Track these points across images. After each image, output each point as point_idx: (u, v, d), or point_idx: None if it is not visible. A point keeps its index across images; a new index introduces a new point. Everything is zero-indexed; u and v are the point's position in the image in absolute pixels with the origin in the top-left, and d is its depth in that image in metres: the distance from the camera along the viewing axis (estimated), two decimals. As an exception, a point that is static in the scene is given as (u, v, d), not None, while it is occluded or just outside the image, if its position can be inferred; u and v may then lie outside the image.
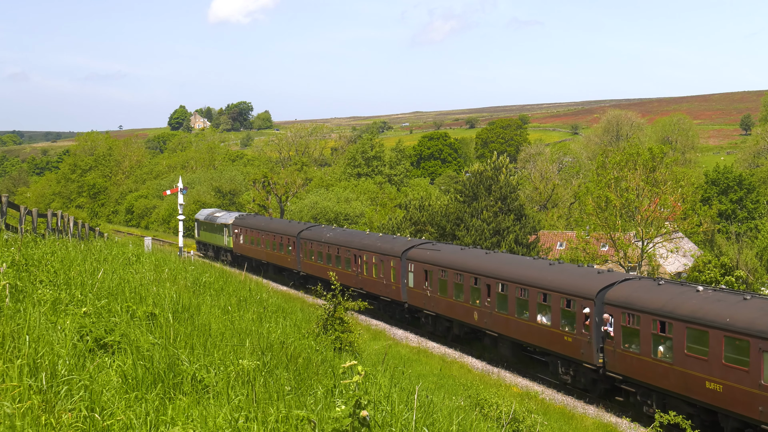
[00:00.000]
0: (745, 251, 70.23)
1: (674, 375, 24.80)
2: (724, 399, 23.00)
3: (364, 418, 6.76)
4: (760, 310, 22.69)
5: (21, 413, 6.28)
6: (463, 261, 37.41)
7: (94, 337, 8.90)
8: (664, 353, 25.37)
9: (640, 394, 26.91)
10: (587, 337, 28.67)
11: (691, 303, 24.80)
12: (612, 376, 27.89)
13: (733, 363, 22.70)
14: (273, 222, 64.41)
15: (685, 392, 24.47)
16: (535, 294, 31.44)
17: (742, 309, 23.17)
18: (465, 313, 36.27)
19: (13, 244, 14.86)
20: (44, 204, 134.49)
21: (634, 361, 26.59)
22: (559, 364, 30.86)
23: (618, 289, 27.95)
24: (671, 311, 25.07)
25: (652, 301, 26.15)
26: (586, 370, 29.29)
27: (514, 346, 34.41)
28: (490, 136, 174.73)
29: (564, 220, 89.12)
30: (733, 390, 22.59)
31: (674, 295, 25.79)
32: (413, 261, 40.80)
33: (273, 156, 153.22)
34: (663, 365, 25.24)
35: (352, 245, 47.58)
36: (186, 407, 7.36)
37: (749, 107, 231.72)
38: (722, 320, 23.15)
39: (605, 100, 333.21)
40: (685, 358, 24.29)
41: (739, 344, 22.50)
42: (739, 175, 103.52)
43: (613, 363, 27.65)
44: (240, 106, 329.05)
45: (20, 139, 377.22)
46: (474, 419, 12.68)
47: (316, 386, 9.23)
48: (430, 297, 39.00)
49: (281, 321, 14.86)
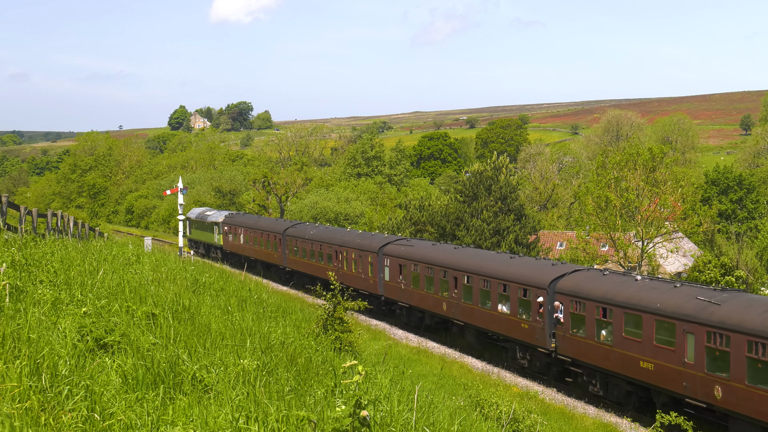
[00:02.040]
0: (745, 251, 70.22)
1: (614, 356, 27.24)
2: (656, 376, 25.50)
3: (364, 418, 6.75)
4: (685, 296, 25.15)
5: (21, 413, 6.27)
6: (433, 255, 39.69)
7: (94, 337, 8.90)
8: (605, 337, 27.80)
9: (586, 374, 29.35)
10: (541, 323, 31.01)
11: (628, 291, 27.25)
12: (562, 359, 30.24)
13: (662, 344, 25.18)
14: (261, 220, 66.77)
15: (624, 371, 26.90)
16: (497, 285, 33.84)
17: (671, 295, 25.67)
18: (435, 304, 38.56)
19: (13, 244, 14.86)
20: (44, 204, 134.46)
21: (581, 344, 28.98)
22: (517, 350, 33.26)
23: (568, 280, 30.37)
24: (611, 298, 27.53)
25: (596, 290, 28.55)
26: (540, 354, 31.69)
27: (479, 334, 36.65)
28: (490, 136, 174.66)
29: (564, 220, 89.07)
30: (663, 368, 25.11)
31: (615, 284, 28.30)
32: (389, 256, 43.09)
33: (273, 156, 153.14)
34: (605, 347, 27.72)
35: (333, 242, 49.84)
36: (186, 407, 7.36)
37: (749, 107, 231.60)
38: (653, 305, 25.64)
39: (605, 100, 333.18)
40: (623, 340, 26.77)
41: (667, 327, 24.99)
42: (739, 175, 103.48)
43: (563, 347, 30.02)
44: (240, 106, 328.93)
45: (20, 139, 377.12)
46: (474, 419, 12.68)
47: (317, 386, 9.23)
48: (404, 290, 41.29)
49: (281, 321, 14.86)
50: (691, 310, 24.38)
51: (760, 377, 21.90)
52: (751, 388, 22.05)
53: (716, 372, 23.29)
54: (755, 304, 23.46)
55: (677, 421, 16.28)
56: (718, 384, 23.20)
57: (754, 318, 22.45)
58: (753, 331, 22.04)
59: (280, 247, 57.58)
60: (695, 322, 23.95)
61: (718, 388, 23.20)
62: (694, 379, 24.01)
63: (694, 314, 24.20)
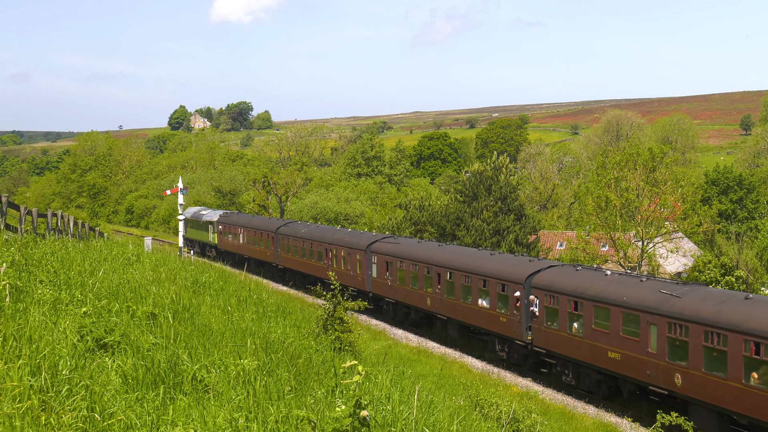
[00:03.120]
0: (745, 251, 70.17)
1: (585, 347, 28.76)
2: (622, 365, 26.98)
3: (364, 418, 6.75)
4: (650, 290, 26.54)
5: (21, 413, 6.27)
6: (418, 253, 41.14)
7: (94, 337, 8.90)
8: (577, 329, 29.23)
9: (560, 365, 30.87)
10: (518, 317, 32.52)
11: (598, 285, 28.75)
12: (538, 350, 31.77)
13: (628, 335, 26.68)
14: (254, 219, 68.34)
15: (593, 361, 28.43)
16: (477, 281, 35.35)
17: (637, 289, 27.11)
18: (419, 299, 40.05)
19: (13, 244, 14.85)
20: (44, 204, 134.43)
21: (555, 336, 30.52)
22: (496, 342, 34.70)
23: (543, 275, 31.87)
24: (582, 292, 29.04)
25: (568, 284, 30.06)
26: (517, 346, 33.19)
27: (461, 328, 37.82)
28: (490, 136, 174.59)
29: (564, 220, 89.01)
30: (629, 358, 26.61)
31: (586, 279, 29.81)
32: (376, 253, 44.55)
33: (273, 156, 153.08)
34: (576, 339, 29.24)
35: (323, 240, 51.22)
36: (186, 407, 7.36)
37: (749, 107, 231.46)
38: (620, 299, 27.18)
39: (605, 100, 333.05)
40: (593, 332, 28.29)
41: (633, 318, 26.48)
42: (739, 175, 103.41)
43: (539, 339, 31.54)
44: (240, 106, 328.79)
45: (20, 139, 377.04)
46: (474, 419, 12.67)
47: (317, 386, 9.22)
48: (391, 286, 42.78)
49: (281, 321, 14.85)
50: (653, 302, 25.82)
51: (715, 365, 23.26)
52: (707, 376, 23.44)
53: (676, 361, 24.75)
54: (711, 297, 24.84)
55: (677, 421, 16.29)
56: (678, 372, 24.65)
57: (710, 309, 23.82)
58: (708, 322, 23.49)
59: (273, 245, 58.84)
60: (657, 314, 25.41)
61: (678, 375, 24.66)
62: (657, 368, 25.42)
63: (656, 306, 25.63)
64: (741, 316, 22.77)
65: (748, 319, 22.39)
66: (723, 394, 23.00)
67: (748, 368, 22.13)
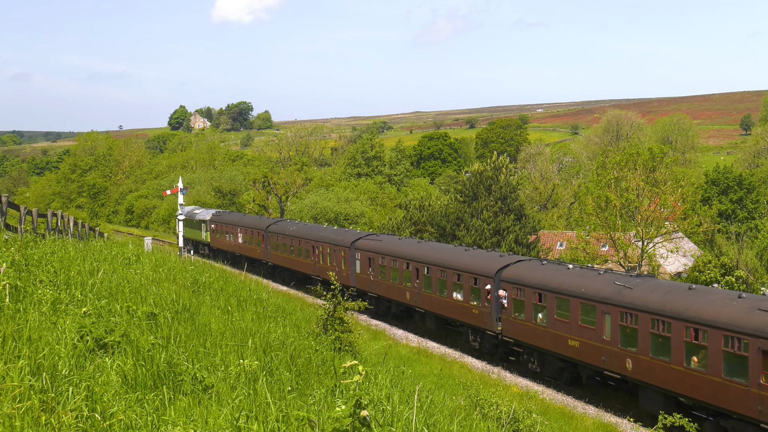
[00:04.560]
0: (745, 251, 70.15)
1: (548, 336, 30.66)
2: (581, 352, 28.92)
3: (364, 418, 6.75)
4: (605, 282, 28.52)
5: (21, 413, 6.27)
6: (398, 249, 43.04)
7: (94, 337, 8.89)
8: (541, 319, 31.14)
9: (526, 353, 32.74)
10: (489, 309, 34.34)
11: (560, 278, 30.67)
12: (507, 340, 33.68)
13: (586, 324, 28.58)
14: (245, 218, 70.26)
15: (555, 349, 30.36)
16: (452, 275, 37.14)
17: (594, 281, 29.08)
18: (400, 293, 41.87)
19: (13, 244, 14.84)
20: (44, 204, 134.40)
21: (521, 326, 32.46)
22: (470, 333, 36.54)
23: (512, 269, 33.75)
24: (546, 285, 30.97)
25: (534, 278, 32.02)
26: (488, 336, 34.99)
27: (438, 321, 39.58)
28: (490, 136, 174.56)
29: (564, 220, 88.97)
30: (586, 345, 28.56)
31: (550, 272, 31.70)
32: (360, 250, 46.38)
33: (273, 156, 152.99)
34: (540, 328, 31.16)
35: (310, 237, 53.04)
36: (186, 407, 7.35)
37: (749, 107, 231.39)
38: (579, 290, 29.09)
39: (605, 100, 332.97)
40: (555, 321, 30.21)
41: (590, 308, 28.37)
42: (739, 175, 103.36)
43: (507, 329, 33.48)
44: (240, 106, 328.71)
45: (20, 139, 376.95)
46: (474, 419, 12.67)
47: (317, 386, 9.22)
48: (373, 281, 44.51)
49: (281, 321, 14.85)
50: (608, 293, 27.74)
51: (660, 350, 25.26)
52: (654, 360, 25.48)
53: (627, 347, 26.69)
54: (659, 288, 26.74)
55: (681, 422, 16.27)
56: (629, 357, 26.60)
57: (656, 299, 25.80)
58: (655, 311, 25.40)
59: (263, 243, 60.52)
60: (611, 304, 27.33)
61: (629, 360, 26.61)
62: (611, 354, 27.42)
63: (610, 297, 27.53)
64: (683, 305, 24.69)
65: (689, 308, 24.34)
66: (668, 377, 24.92)
67: (689, 352, 24.10)
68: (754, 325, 21.98)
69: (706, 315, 23.59)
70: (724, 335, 22.73)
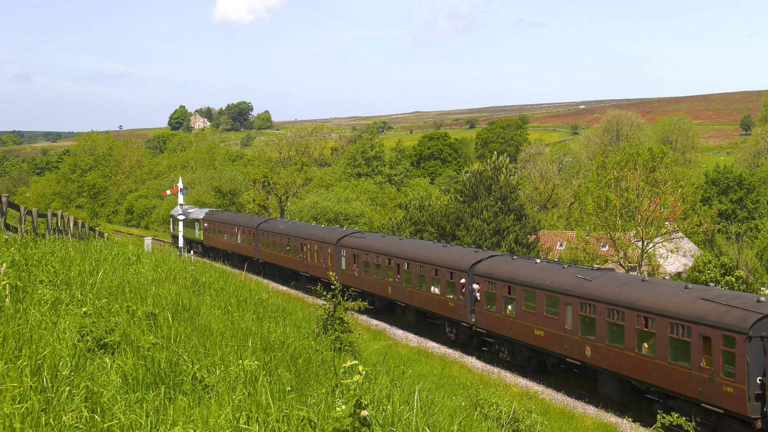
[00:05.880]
0: (745, 251, 70.11)
1: (517, 326, 32.67)
2: (545, 341, 30.91)
3: (364, 418, 6.74)
4: (568, 275, 30.56)
5: (21, 414, 6.26)
6: (381, 246, 44.97)
7: (94, 338, 8.88)
8: (510, 310, 33.13)
9: (497, 343, 34.63)
10: (463, 301, 36.26)
11: (527, 272, 32.77)
12: (480, 330, 35.57)
13: (550, 314, 30.56)
14: (237, 216, 72.53)
15: (523, 339, 32.40)
16: (430, 270, 39.18)
17: (558, 275, 31.11)
18: (382, 288, 43.76)
19: (13, 244, 14.84)
20: (44, 204, 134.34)
21: (492, 317, 34.41)
22: (446, 325, 38.47)
23: (484, 264, 35.79)
24: (514, 278, 33.01)
25: (503, 272, 34.07)
26: (463, 328, 36.90)
27: (418, 314, 41.78)
28: (490, 136, 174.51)
29: (564, 220, 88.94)
30: (550, 334, 30.56)
31: (518, 267, 33.80)
32: (345, 247, 48.27)
33: (273, 156, 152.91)
34: (510, 319, 33.14)
35: (299, 235, 55.01)
36: (187, 407, 7.35)
37: (749, 107, 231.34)
38: (544, 283, 31.16)
39: (605, 100, 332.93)
40: (523, 312, 32.23)
41: (553, 300, 30.42)
42: (739, 175, 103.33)
43: (480, 320, 35.41)
44: (240, 106, 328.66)
45: (20, 139, 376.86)
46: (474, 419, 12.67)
47: (317, 386, 9.22)
48: (357, 276, 46.18)
49: (281, 321, 14.85)
50: (570, 285, 29.73)
51: (615, 338, 27.19)
52: (610, 347, 27.40)
53: (587, 335, 28.64)
54: (616, 280, 28.92)
55: (678, 421, 16.28)
56: (587, 345, 28.59)
57: (613, 290, 27.74)
58: (611, 301, 27.38)
59: (254, 241, 62.59)
60: (572, 295, 29.33)
61: (587, 348, 28.60)
62: (572, 342, 29.37)
63: (571, 289, 29.52)
64: (636, 295, 26.65)
65: (640, 298, 26.28)
66: (622, 363, 26.86)
67: (641, 339, 26.05)
68: (696, 313, 23.86)
69: (655, 304, 25.51)
70: (670, 323, 24.68)
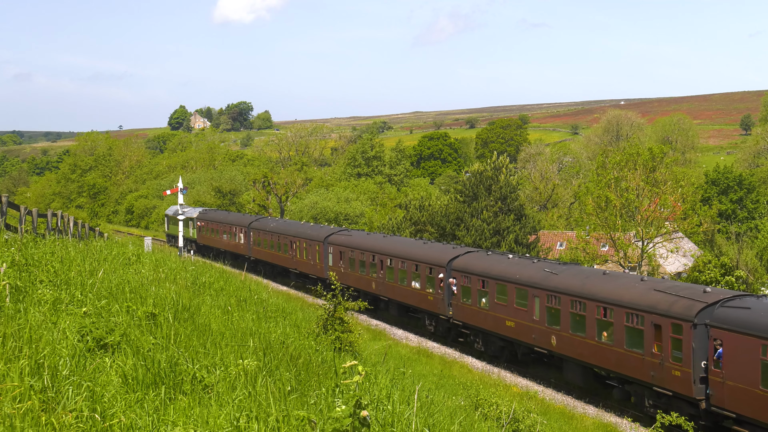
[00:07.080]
0: (745, 251, 70.15)
1: (490, 318, 34.51)
2: (516, 332, 32.86)
3: (364, 418, 6.75)
4: (537, 269, 32.54)
5: (21, 413, 6.27)
6: (365, 243, 46.90)
7: (94, 338, 8.89)
8: (485, 303, 34.85)
9: (472, 335, 36.47)
10: (441, 295, 38.02)
11: (500, 266, 34.72)
12: (456, 323, 37.29)
13: (519, 306, 32.47)
14: (230, 215, 74.55)
15: (496, 330, 34.22)
16: (411, 265, 40.98)
17: (527, 269, 33.12)
18: (367, 283, 45.33)
19: (13, 244, 14.84)
20: (44, 204, 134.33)
21: (468, 310, 36.14)
22: (426, 318, 40.42)
23: (460, 259, 37.57)
24: (488, 272, 34.90)
25: (478, 266, 35.91)
26: (442, 320, 38.80)
27: (400, 308, 43.29)
28: (490, 136, 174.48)
29: (564, 220, 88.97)
30: (520, 325, 32.51)
31: (492, 262, 35.70)
32: (332, 244, 49.89)
33: (273, 156, 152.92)
34: (483, 311, 34.90)
35: (288, 233, 56.69)
36: (187, 407, 7.35)
37: (749, 107, 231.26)
38: (515, 277, 33.11)
39: (605, 100, 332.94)
40: (496, 305, 34.04)
41: (523, 292, 32.32)
42: (739, 175, 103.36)
43: (457, 313, 37.11)
44: (240, 106, 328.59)
45: (20, 139, 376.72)
46: (474, 419, 12.67)
47: (317, 386, 9.22)
48: (344, 272, 47.19)
49: (281, 321, 14.85)
50: (538, 279, 31.67)
51: (578, 327, 29.04)
52: (573, 336, 29.25)
53: (552, 325, 30.49)
54: (580, 274, 30.91)
55: (678, 421, 16.29)
56: (553, 334, 30.46)
57: (576, 283, 29.72)
58: (574, 293, 29.28)
59: (246, 239, 64.37)
60: (540, 288, 31.28)
61: (553, 337, 30.49)
62: (540, 332, 31.27)
63: (539, 282, 31.45)
64: (597, 287, 28.60)
65: (601, 290, 28.28)
66: (584, 351, 28.73)
67: (600, 328, 27.91)
68: (648, 303, 25.77)
69: (613, 295, 27.52)
70: (626, 312, 26.59)
